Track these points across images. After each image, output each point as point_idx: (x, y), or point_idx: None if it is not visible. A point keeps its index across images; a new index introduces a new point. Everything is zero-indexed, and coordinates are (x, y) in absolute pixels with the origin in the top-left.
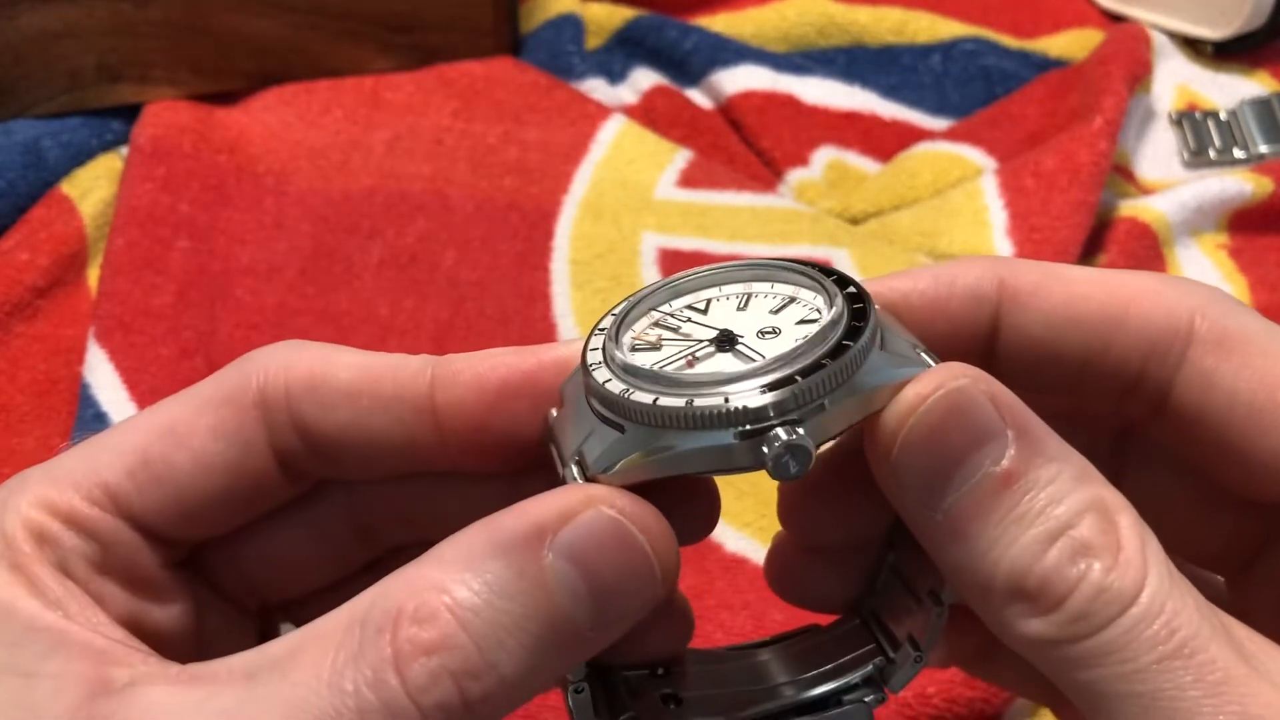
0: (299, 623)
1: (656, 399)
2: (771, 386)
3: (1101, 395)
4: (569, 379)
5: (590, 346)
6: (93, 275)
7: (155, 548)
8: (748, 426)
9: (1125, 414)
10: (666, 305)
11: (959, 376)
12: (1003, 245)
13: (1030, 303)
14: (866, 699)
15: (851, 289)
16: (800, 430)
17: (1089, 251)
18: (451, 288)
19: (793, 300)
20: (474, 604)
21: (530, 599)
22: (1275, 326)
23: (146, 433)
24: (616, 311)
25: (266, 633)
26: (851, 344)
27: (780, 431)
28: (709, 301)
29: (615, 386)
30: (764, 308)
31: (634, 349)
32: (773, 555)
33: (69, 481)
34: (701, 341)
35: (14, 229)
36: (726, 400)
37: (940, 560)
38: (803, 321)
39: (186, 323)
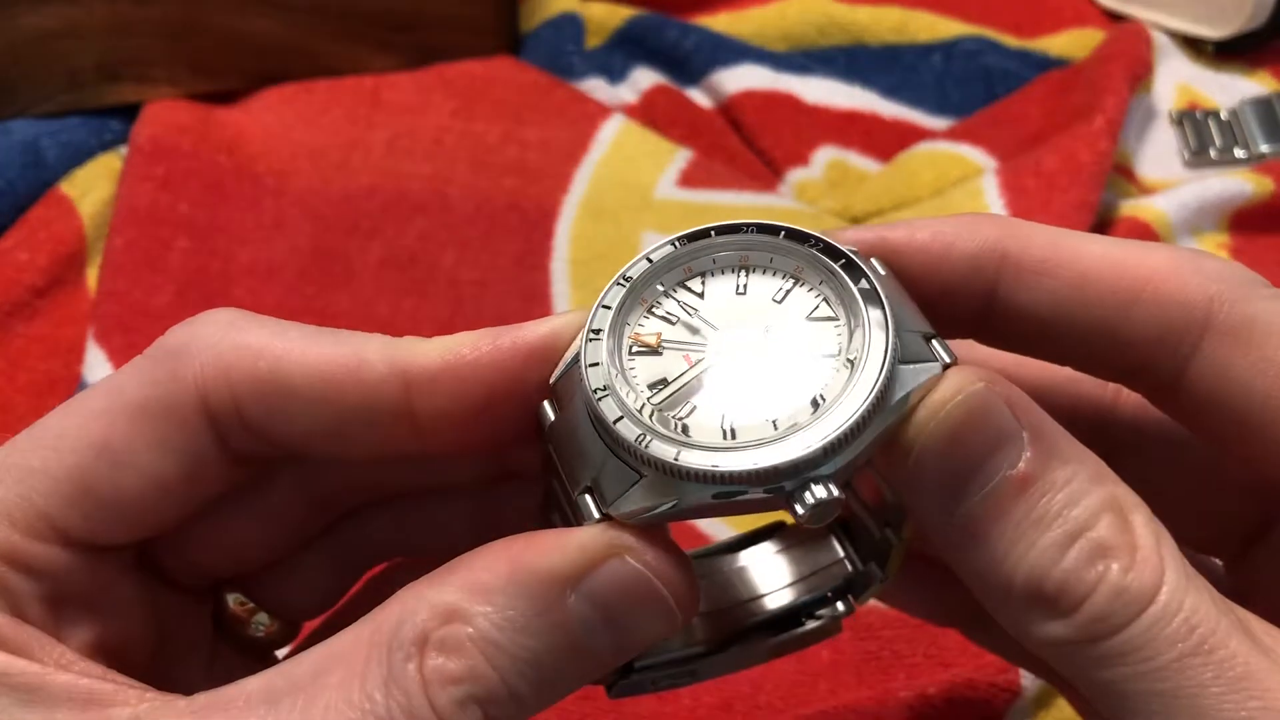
0: (250, 595)
1: (679, 454)
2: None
3: (1106, 374)
4: (562, 375)
5: (590, 361)
6: (92, 275)
7: (106, 562)
8: (779, 483)
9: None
10: (659, 285)
11: (975, 381)
12: None
13: (1035, 281)
14: (836, 614)
15: (865, 284)
16: (831, 485)
17: None
18: (451, 288)
19: (796, 282)
20: (497, 639)
21: (551, 638)
22: None
23: (80, 453)
24: (610, 303)
25: (216, 610)
26: (875, 378)
27: (815, 489)
28: (704, 279)
29: (629, 430)
30: (766, 292)
31: (633, 351)
32: None
33: (3, 515)
34: (704, 350)
35: (13, 229)
36: (755, 462)
37: (957, 563)
38: (813, 318)
39: None
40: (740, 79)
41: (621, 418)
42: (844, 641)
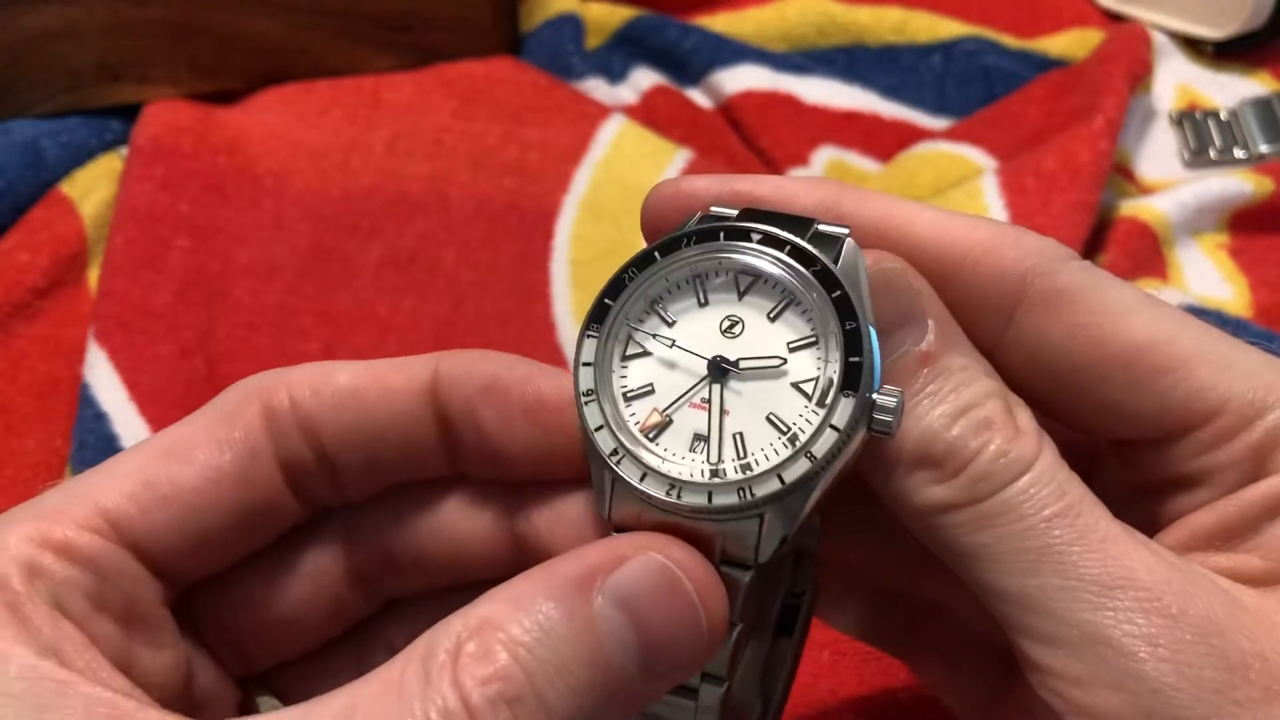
0: (280, 695)
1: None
2: (843, 390)
3: None
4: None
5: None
6: (93, 276)
7: (156, 581)
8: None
9: None
10: (626, 322)
11: (893, 261)
12: None
13: (871, 243)
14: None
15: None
16: (893, 389)
17: (1090, 251)
18: (451, 288)
19: (755, 279)
20: (526, 641)
21: (579, 643)
22: (1106, 281)
23: (146, 457)
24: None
25: (245, 707)
26: (857, 317)
27: (879, 397)
28: (664, 303)
29: (728, 498)
30: (727, 298)
31: (649, 438)
32: None
33: (62, 512)
34: (700, 381)
35: (14, 229)
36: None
37: None
38: (775, 317)
39: (186, 322)
40: (740, 79)
41: (711, 495)
42: (844, 642)
